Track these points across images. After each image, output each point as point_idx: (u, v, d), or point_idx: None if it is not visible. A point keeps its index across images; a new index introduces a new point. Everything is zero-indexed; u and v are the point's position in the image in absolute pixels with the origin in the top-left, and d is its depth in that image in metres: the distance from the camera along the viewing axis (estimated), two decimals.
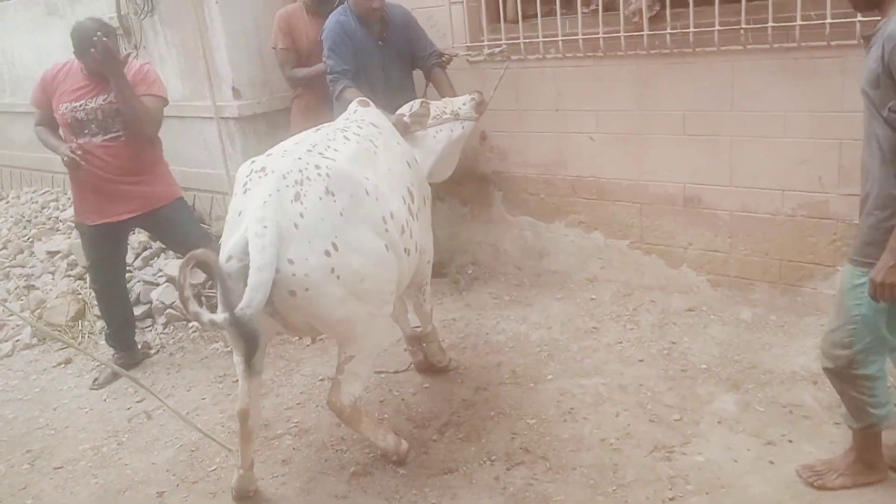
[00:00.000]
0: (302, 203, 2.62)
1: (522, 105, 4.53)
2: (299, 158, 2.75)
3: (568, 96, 4.36)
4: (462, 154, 4.06)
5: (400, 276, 2.98)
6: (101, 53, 3.71)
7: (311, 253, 2.58)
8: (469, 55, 4.51)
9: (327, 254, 2.60)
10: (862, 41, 2.42)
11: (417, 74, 4.43)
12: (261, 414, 3.13)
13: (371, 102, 3.49)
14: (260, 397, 3.05)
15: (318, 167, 2.72)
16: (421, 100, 3.78)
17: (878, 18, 2.31)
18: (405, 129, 3.54)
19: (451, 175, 3.99)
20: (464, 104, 3.87)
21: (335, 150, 2.92)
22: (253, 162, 2.81)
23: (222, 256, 2.60)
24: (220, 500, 3.07)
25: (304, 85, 4.54)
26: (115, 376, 4.20)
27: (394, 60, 4.26)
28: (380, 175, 3.02)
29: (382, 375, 3.83)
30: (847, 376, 2.52)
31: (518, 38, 4.37)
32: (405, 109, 3.66)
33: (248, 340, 2.61)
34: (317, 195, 2.65)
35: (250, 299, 2.44)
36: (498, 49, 4.41)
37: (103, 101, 3.95)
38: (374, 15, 4.09)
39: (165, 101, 4.10)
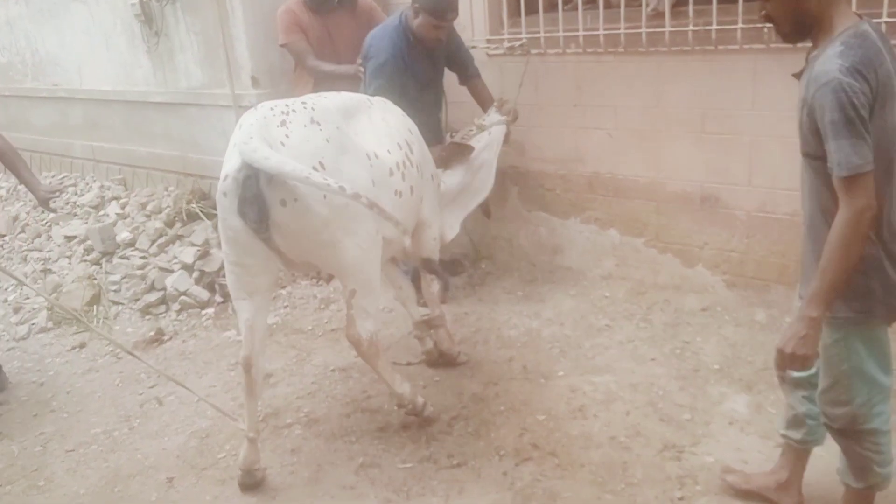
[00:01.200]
0: (287, 127, 2.73)
1: (541, 100, 4.50)
2: (288, 99, 2.93)
3: (587, 92, 4.33)
4: None
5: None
6: None
7: (300, 165, 2.63)
8: (488, 49, 4.50)
9: (315, 169, 2.66)
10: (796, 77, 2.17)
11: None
12: (264, 365, 3.19)
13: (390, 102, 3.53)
14: (264, 348, 3.09)
15: (304, 103, 2.89)
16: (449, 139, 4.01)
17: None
18: (444, 165, 3.83)
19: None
20: (487, 115, 4.05)
21: (324, 97, 3.08)
22: None
23: (220, 178, 2.73)
24: (229, 486, 3.08)
25: (323, 81, 4.47)
26: None
27: (437, 73, 4.23)
28: (373, 122, 3.16)
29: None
30: (852, 433, 2.26)
31: (538, 33, 4.34)
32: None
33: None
34: (301, 123, 2.78)
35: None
36: (518, 43, 4.39)
37: None
38: (437, 44, 3.99)
39: None
